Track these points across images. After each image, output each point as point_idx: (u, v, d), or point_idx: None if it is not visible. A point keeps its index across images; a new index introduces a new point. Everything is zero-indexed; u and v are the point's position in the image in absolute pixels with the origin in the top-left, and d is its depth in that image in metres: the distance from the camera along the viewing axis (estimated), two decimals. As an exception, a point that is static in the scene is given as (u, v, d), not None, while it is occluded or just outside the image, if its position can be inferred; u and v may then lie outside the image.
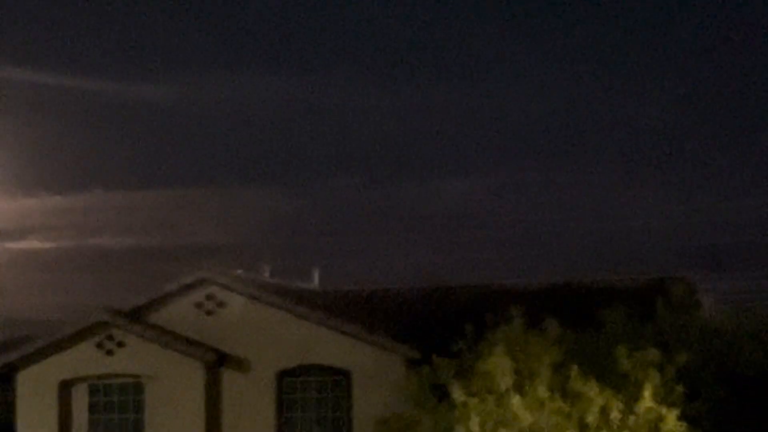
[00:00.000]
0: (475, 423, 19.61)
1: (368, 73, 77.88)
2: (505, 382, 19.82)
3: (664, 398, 19.54)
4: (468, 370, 20.51)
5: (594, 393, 19.51)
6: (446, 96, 75.77)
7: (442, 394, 20.69)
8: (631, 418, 19.48)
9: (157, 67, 79.92)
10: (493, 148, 73.46)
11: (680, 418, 19.46)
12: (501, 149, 73.81)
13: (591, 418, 19.50)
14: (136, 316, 30.03)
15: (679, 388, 19.73)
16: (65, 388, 30.22)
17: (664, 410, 19.40)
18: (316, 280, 34.99)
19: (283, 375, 29.30)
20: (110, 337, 29.95)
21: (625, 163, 69.84)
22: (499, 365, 19.96)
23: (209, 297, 29.92)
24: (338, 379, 28.90)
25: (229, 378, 29.55)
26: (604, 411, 19.47)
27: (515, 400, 19.53)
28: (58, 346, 30.28)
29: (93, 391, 30.20)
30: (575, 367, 19.84)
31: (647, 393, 19.43)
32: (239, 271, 31.83)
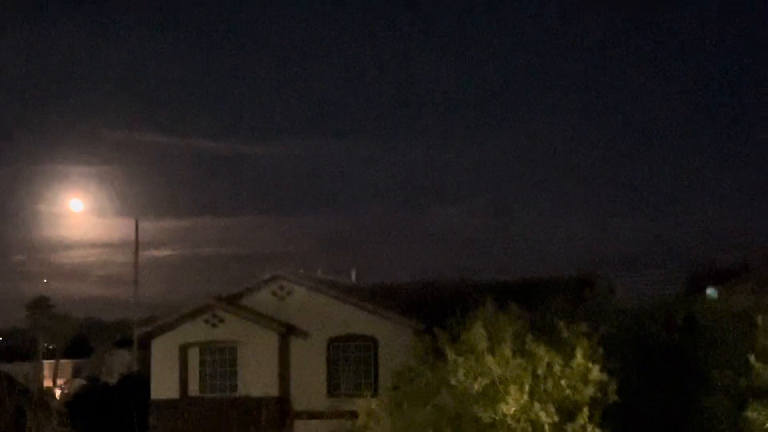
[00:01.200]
0: (461, 374, 19.53)
1: (381, 135, 78.15)
2: (481, 345, 19.72)
3: (590, 357, 19.39)
4: (457, 337, 20.43)
5: (543, 353, 19.40)
6: (445, 149, 75.85)
7: (439, 354, 20.60)
8: (567, 371, 19.36)
9: (248, 130, 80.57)
10: (470, 185, 73.64)
11: (601, 370, 19.32)
12: (476, 184, 73.99)
13: (540, 371, 19.40)
14: (232, 300, 30.07)
15: (601, 350, 19.59)
16: (184, 350, 30.24)
17: (590, 365, 19.27)
18: (353, 277, 34.95)
19: (331, 341, 29.26)
20: (214, 315, 29.98)
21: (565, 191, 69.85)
22: (477, 335, 19.85)
23: (281, 287, 29.94)
24: (368, 343, 28.88)
25: (295, 343, 29.55)
26: (550, 366, 19.34)
27: (488, 358, 19.43)
28: (179, 321, 30.33)
29: (202, 351, 30.20)
30: (530, 336, 19.74)
31: (579, 353, 19.29)
32: (301, 270, 31.86)
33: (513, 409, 18.72)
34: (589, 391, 18.99)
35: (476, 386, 19.07)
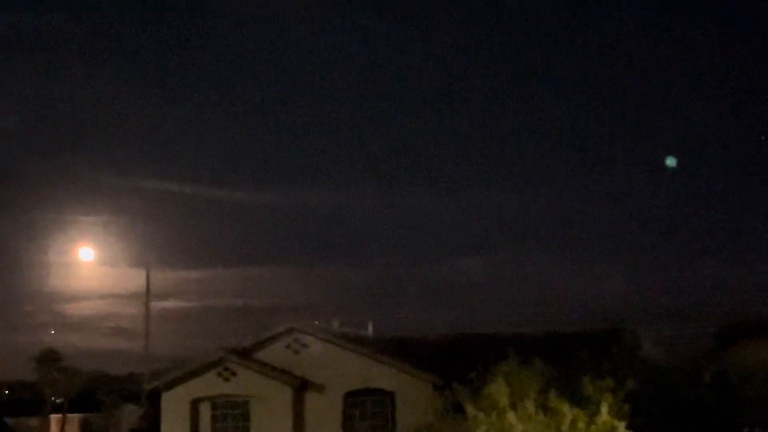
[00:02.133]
0: (482, 431, 19.37)
1: (400, 185, 78.36)
2: (503, 401, 19.59)
3: (616, 413, 19.21)
4: (478, 393, 20.31)
5: (567, 409, 19.23)
6: (461, 198, 76.00)
7: (459, 410, 20.48)
8: (592, 428, 19.17)
9: (260, 179, 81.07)
10: (492, 235, 73.58)
11: (627, 427, 19.13)
12: (498, 236, 73.94)
13: (564, 428, 19.21)
14: (245, 353, 30.08)
15: (627, 407, 19.41)
16: (195, 404, 30.20)
17: (616, 422, 19.08)
18: (370, 330, 34.90)
19: (347, 395, 29.16)
20: (227, 369, 29.96)
21: (583, 246, 69.73)
22: (499, 390, 19.74)
23: (296, 340, 29.94)
24: (386, 398, 28.76)
25: (310, 397, 29.47)
26: (574, 423, 19.17)
27: (511, 414, 19.29)
28: (191, 374, 30.32)
29: (214, 406, 30.15)
30: (553, 391, 19.60)
31: (604, 410, 19.10)
32: (316, 323, 31.86)
33: (536, 468, 18.57)
34: (615, 449, 18.82)
35: (498, 444, 18.95)
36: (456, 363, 26.47)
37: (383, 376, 28.77)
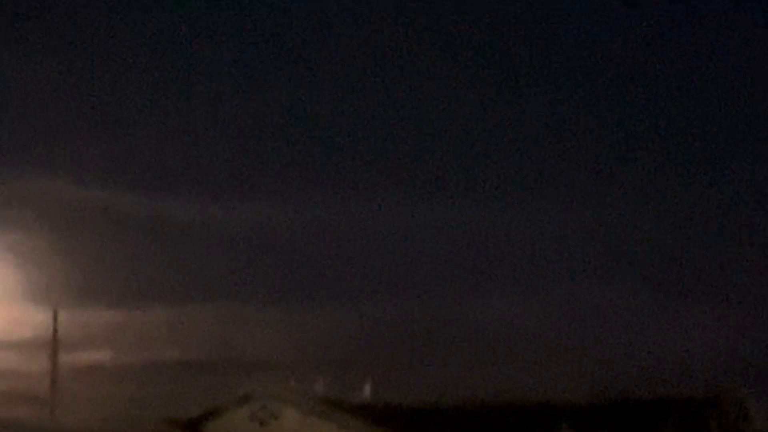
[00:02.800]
0: None
1: (401, 196, 78.46)
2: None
3: None
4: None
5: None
6: (479, 215, 76.08)
7: None
8: None
9: (208, 189, 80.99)
10: (529, 267, 73.39)
11: None
12: (536, 268, 73.74)
13: None
14: (192, 427, 29.91)
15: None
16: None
17: None
18: (367, 393, 34.70)
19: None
20: (166, 449, 29.81)
21: (667, 280, 69.45)
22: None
23: (263, 408, 29.77)
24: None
25: (281, 491, 29.32)
26: None
27: None
28: (116, 457, 30.19)
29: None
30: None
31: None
32: (292, 384, 31.69)
33: None
34: None
35: None
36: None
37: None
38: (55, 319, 42.54)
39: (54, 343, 42.25)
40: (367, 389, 34.80)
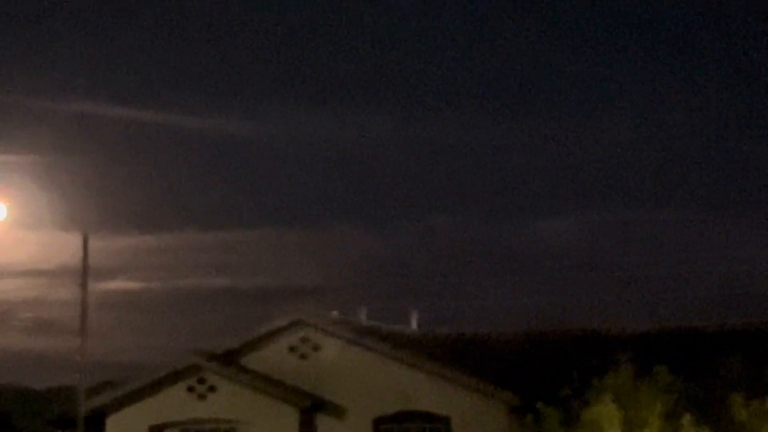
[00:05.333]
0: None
1: (462, 112, 78.09)
2: (613, 429, 19.62)
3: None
4: (574, 418, 20.35)
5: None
6: (536, 134, 75.74)
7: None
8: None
9: (248, 104, 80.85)
10: (585, 188, 73.09)
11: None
12: (592, 189, 73.45)
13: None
14: (228, 359, 30.26)
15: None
16: (156, 432, 30.53)
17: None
18: (414, 323, 34.95)
19: (379, 422, 29.30)
20: (202, 381, 30.16)
21: (732, 201, 69.02)
22: (606, 414, 19.80)
23: (304, 340, 30.05)
24: (437, 426, 28.85)
25: (324, 424, 29.63)
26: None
27: (624, 449, 19.35)
28: (149, 389, 30.57)
29: (184, 435, 30.48)
30: (687, 416, 19.59)
31: (764, 443, 19.10)
32: (334, 313, 31.91)
33: None
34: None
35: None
36: (541, 373, 26.55)
37: (433, 393, 28.86)
38: (85, 245, 42.97)
39: (84, 271, 42.77)
40: (414, 319, 35.09)
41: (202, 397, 30.20)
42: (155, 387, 30.53)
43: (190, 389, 30.23)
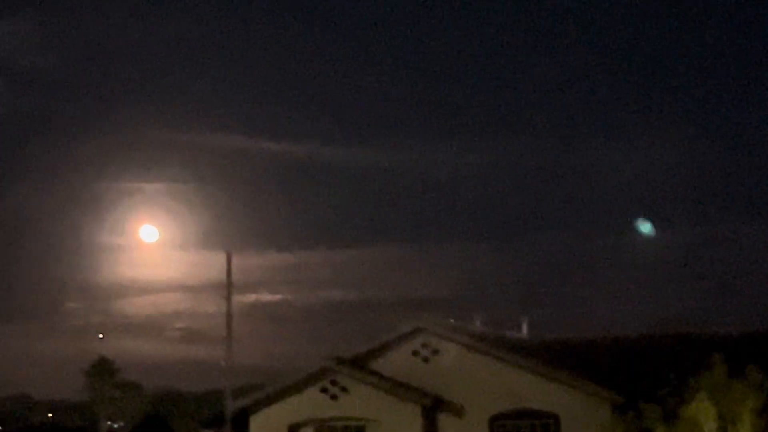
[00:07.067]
0: (680, 465, 19.42)
1: (572, 136, 77.81)
2: (709, 426, 19.56)
3: None
4: (672, 414, 20.32)
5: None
6: (645, 154, 75.06)
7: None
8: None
9: (375, 135, 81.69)
10: (689, 202, 72.36)
11: None
12: (698, 203, 72.65)
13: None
14: (358, 363, 30.67)
15: None
16: (293, 430, 30.95)
17: None
18: (524, 330, 35.00)
19: (494, 419, 29.44)
20: (334, 383, 30.57)
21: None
22: (702, 410, 19.72)
23: (425, 345, 30.32)
24: (547, 422, 28.90)
25: (444, 421, 29.84)
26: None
27: (719, 443, 19.27)
28: (287, 391, 31.06)
29: (319, 431, 30.84)
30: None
31: None
32: (452, 321, 32.14)
33: None
34: None
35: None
36: (642, 374, 26.54)
37: (543, 393, 28.93)
38: (228, 262, 43.79)
39: (228, 286, 43.62)
40: (524, 326, 35.16)
41: (334, 397, 30.59)
42: (293, 389, 31.02)
43: (324, 390, 30.65)
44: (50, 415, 70.82)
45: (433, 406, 29.85)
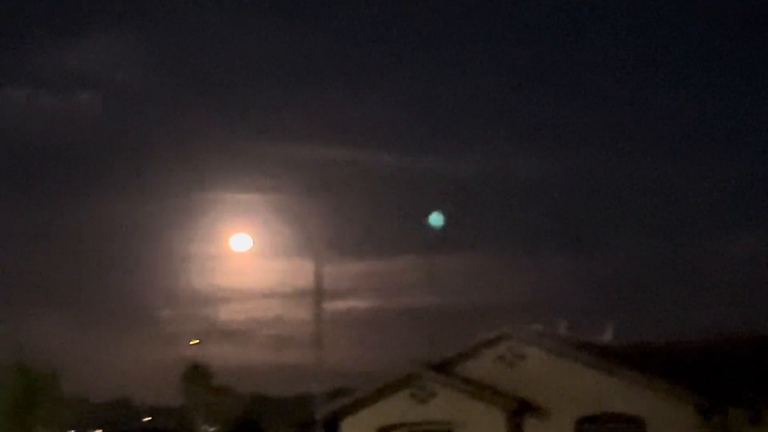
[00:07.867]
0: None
1: (655, 150, 76.99)
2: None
3: None
4: (759, 418, 19.88)
5: None
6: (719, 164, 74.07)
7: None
8: None
9: (462, 144, 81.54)
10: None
11: None
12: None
13: None
14: (445, 368, 30.53)
15: None
16: (383, 434, 30.95)
17: None
18: (609, 335, 34.57)
19: (580, 422, 29.10)
20: (422, 388, 30.47)
21: None
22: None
23: (510, 350, 30.08)
24: (632, 426, 28.47)
25: (530, 424, 29.58)
26: None
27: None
28: (377, 395, 31.05)
29: (408, 437, 30.82)
30: None
31: None
32: (537, 326, 31.87)
33: None
34: None
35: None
36: (728, 378, 25.99)
37: (629, 396, 28.50)
38: (318, 270, 43.84)
39: (318, 293, 43.63)
40: (609, 331, 34.72)
41: (422, 401, 30.50)
42: (382, 393, 31.01)
43: (412, 395, 30.58)
44: (148, 419, 71.63)
45: (519, 410, 29.59)
